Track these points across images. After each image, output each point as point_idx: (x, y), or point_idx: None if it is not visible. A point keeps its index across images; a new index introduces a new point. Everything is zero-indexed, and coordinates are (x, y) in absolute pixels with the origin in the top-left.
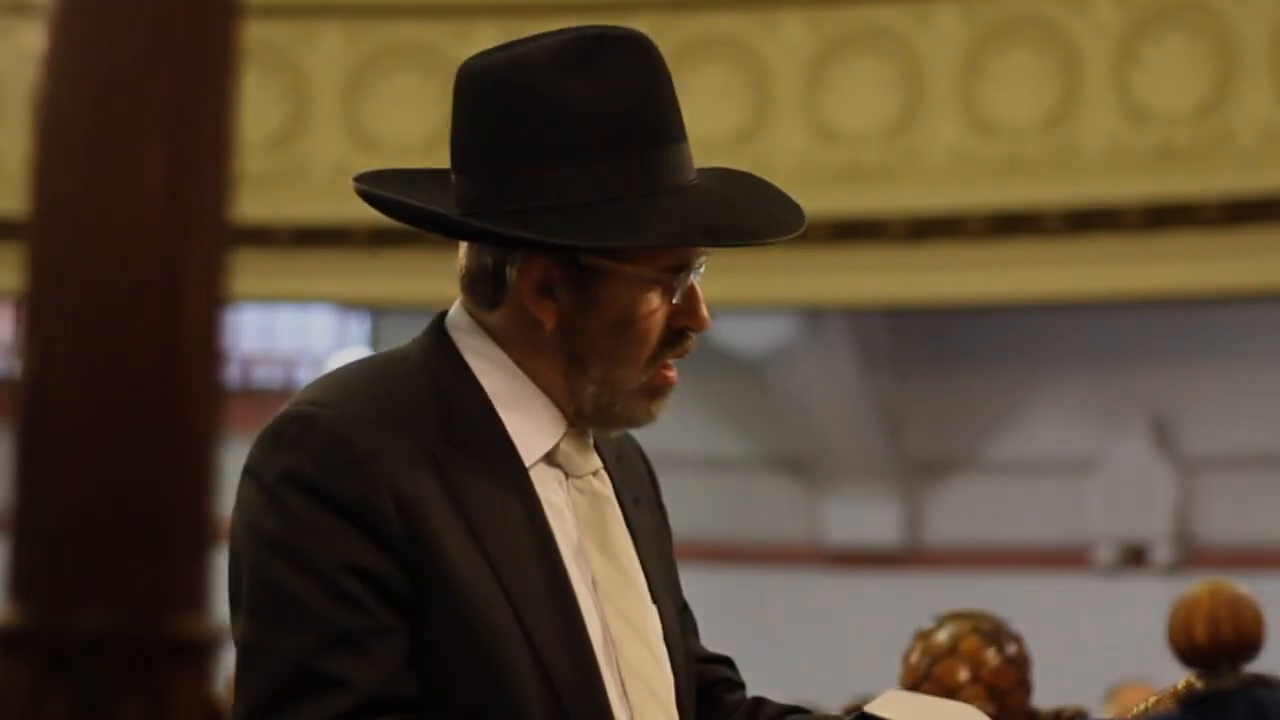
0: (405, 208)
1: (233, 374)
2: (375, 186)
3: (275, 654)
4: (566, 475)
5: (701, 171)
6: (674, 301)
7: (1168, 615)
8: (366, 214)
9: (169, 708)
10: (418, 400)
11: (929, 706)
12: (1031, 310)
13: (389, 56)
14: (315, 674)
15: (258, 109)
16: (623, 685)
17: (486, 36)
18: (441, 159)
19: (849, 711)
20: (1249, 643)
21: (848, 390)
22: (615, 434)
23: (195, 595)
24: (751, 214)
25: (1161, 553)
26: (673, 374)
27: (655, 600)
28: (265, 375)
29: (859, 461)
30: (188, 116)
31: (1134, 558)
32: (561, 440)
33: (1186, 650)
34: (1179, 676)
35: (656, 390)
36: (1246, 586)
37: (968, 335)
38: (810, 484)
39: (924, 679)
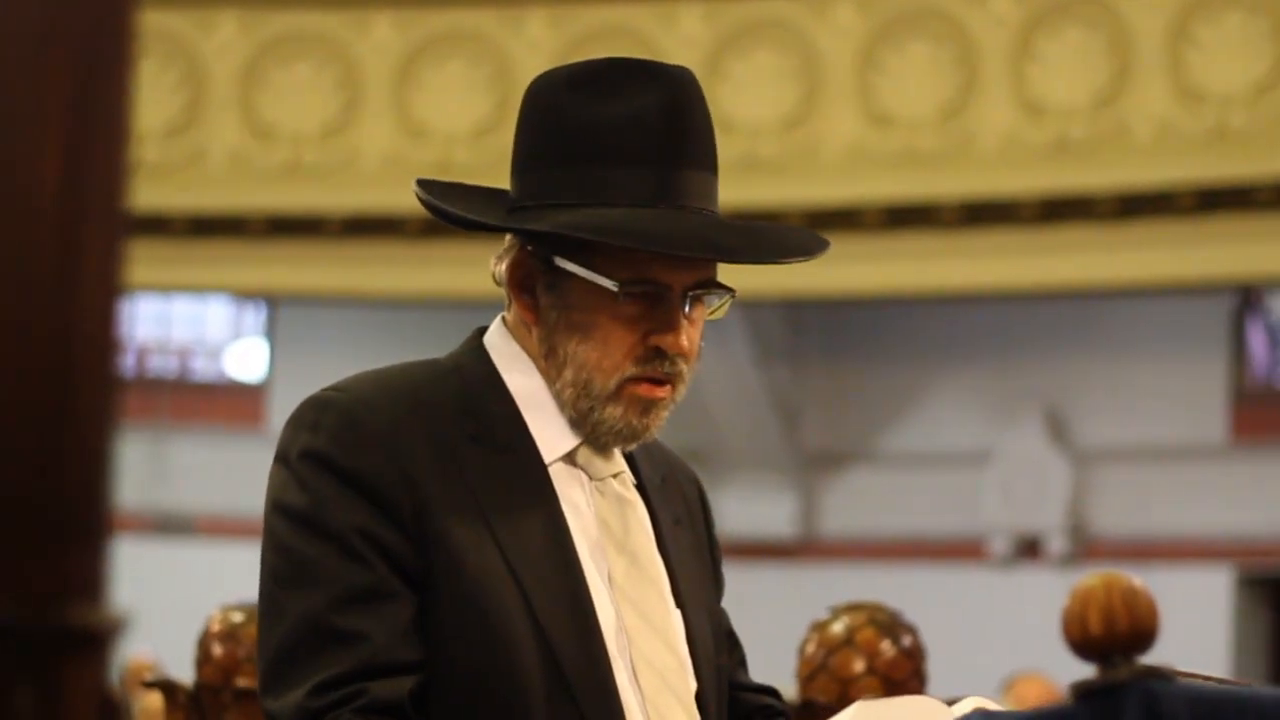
0: (432, 207)
1: (128, 363)
2: (433, 186)
3: (292, 612)
4: (590, 477)
5: (766, 223)
6: (652, 318)
7: (1062, 607)
8: (263, 203)
9: (63, 697)
10: (441, 396)
11: (894, 709)
12: (927, 303)
13: (285, 44)
14: (331, 628)
15: (154, 97)
16: (635, 674)
17: (382, 24)
18: (335, 147)
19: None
20: (1144, 635)
21: (743, 382)
22: (624, 446)
23: (90, 584)
24: (749, 237)
25: (1055, 544)
26: (649, 389)
27: (684, 607)
28: (161, 365)
29: (754, 453)
30: (84, 105)
31: (1028, 549)
32: (582, 443)
33: (1081, 642)
34: (1073, 668)
35: (632, 402)
36: (1140, 578)
37: (863, 327)
38: (706, 475)
39: (819, 670)
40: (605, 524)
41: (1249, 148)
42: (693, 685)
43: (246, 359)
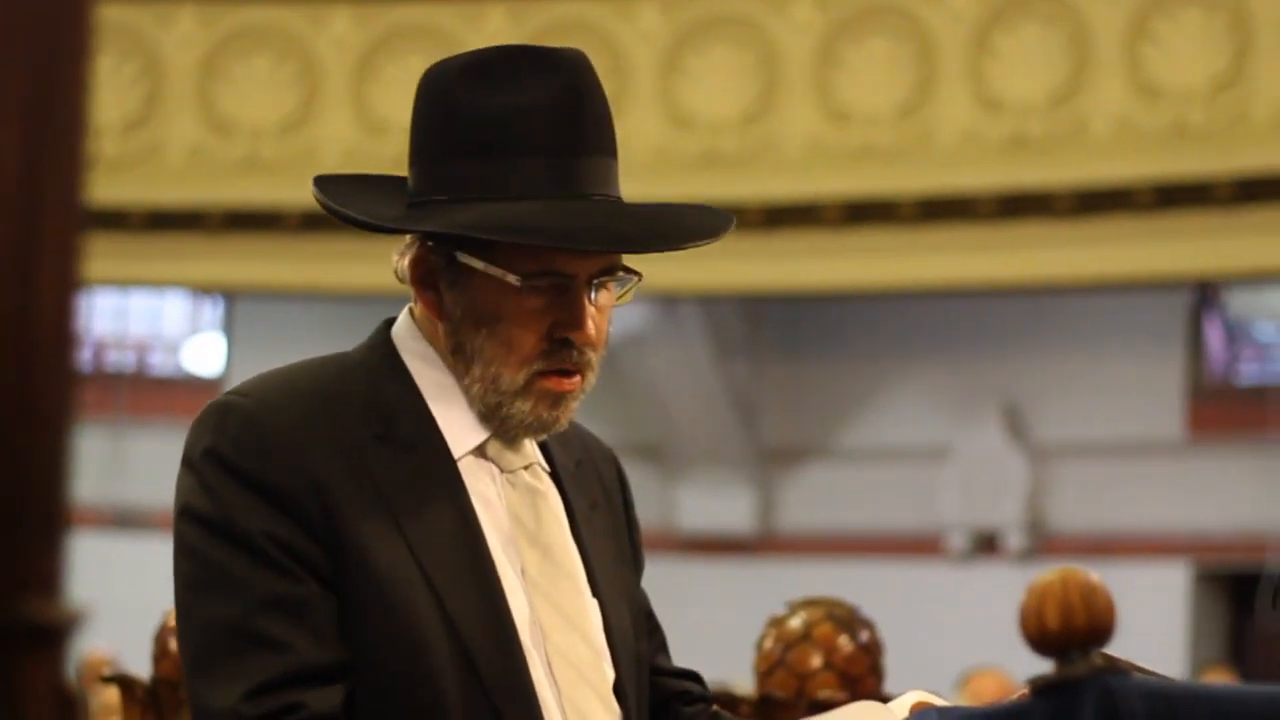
0: (326, 205)
1: (86, 358)
2: (329, 184)
3: (208, 617)
4: (500, 470)
5: (667, 204)
6: (558, 309)
7: (1019, 602)
8: (220, 198)
9: (20, 692)
10: (347, 395)
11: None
12: (886, 299)
13: (244, 38)
14: (254, 634)
15: (112, 91)
16: (550, 668)
17: (341, 22)
18: (293, 142)
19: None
20: (1101, 630)
21: (702, 377)
22: (535, 438)
23: (48, 579)
24: (652, 224)
25: (1013, 540)
26: (557, 382)
27: (600, 596)
28: (118, 359)
29: (713, 448)
30: (42, 100)
31: (986, 545)
32: (491, 436)
33: (1038, 637)
34: (1030, 663)
35: (541, 395)
36: (1097, 574)
37: (822, 323)
38: (664, 471)
39: (777, 666)
40: (517, 517)
41: (1207, 144)
42: (610, 676)
43: (204, 354)
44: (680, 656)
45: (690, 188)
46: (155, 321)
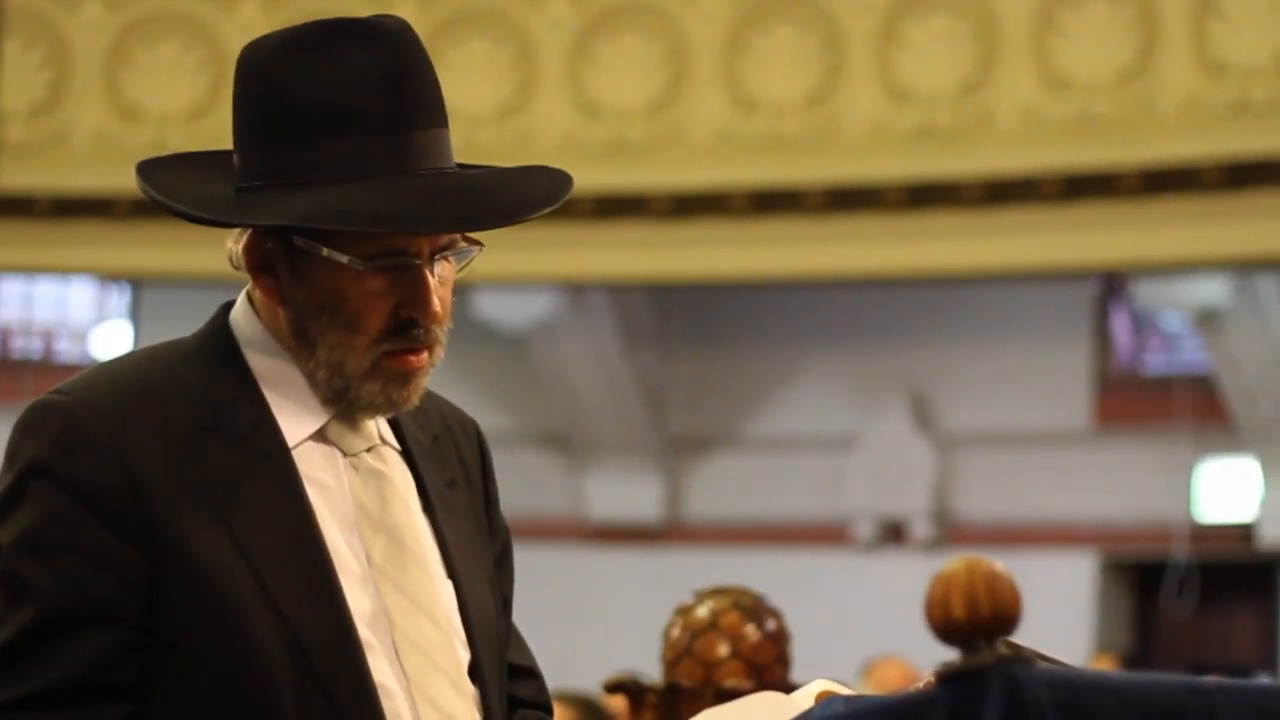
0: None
1: None
2: (155, 170)
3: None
4: (343, 453)
5: (502, 170)
6: (401, 289)
7: (926, 591)
8: (127, 185)
9: None
10: (175, 386)
11: (738, 713)
12: (793, 288)
13: (151, 25)
14: (27, 651)
15: (18, 77)
16: (398, 655)
17: (249, 8)
18: (201, 129)
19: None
20: (1006, 619)
21: (610, 365)
22: (382, 416)
23: None
24: (489, 198)
25: (920, 529)
26: (405, 360)
27: (456, 578)
28: (24, 346)
29: (621, 437)
30: None
31: (893, 534)
32: (332, 419)
33: (943, 626)
34: (938, 652)
35: (390, 375)
36: (1004, 563)
37: (729, 312)
38: (572, 459)
39: (684, 654)
40: (360, 502)
41: (1114, 135)
42: (464, 658)
43: (111, 340)
44: (588, 644)
45: (597, 177)
46: (62, 308)
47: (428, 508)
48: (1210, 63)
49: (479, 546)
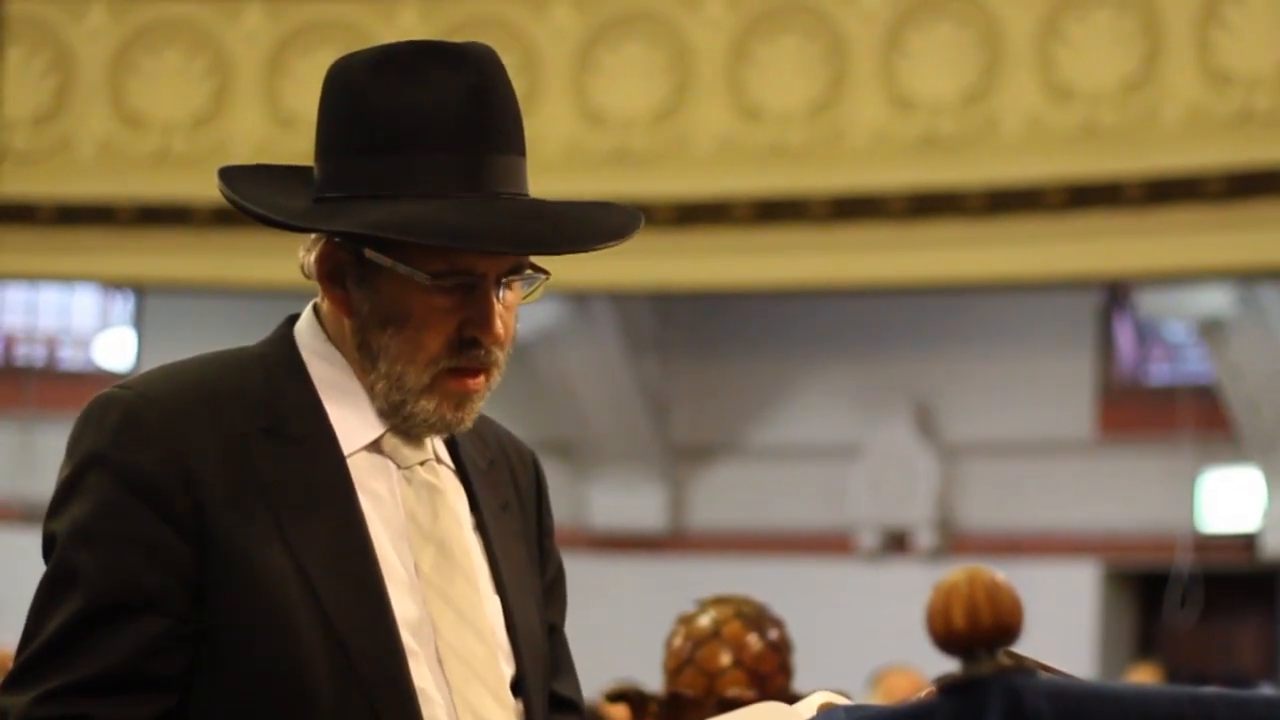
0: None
1: None
2: (236, 176)
3: (47, 620)
4: (397, 466)
5: (575, 201)
6: (466, 308)
7: (927, 601)
8: (131, 192)
9: None
10: (236, 389)
11: None
12: (796, 296)
13: (155, 33)
14: (74, 640)
15: (22, 85)
16: (441, 665)
17: (253, 16)
18: (205, 137)
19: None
20: (1007, 629)
21: (613, 374)
22: (436, 435)
23: None
24: (561, 224)
25: (923, 539)
26: (462, 382)
27: (505, 594)
28: (28, 354)
29: (623, 445)
30: None
31: (896, 544)
32: (387, 432)
33: (944, 636)
34: (941, 662)
35: (446, 394)
36: (1005, 573)
37: (733, 321)
38: (574, 467)
39: (686, 663)
40: (411, 513)
41: (1117, 144)
42: (507, 672)
43: (114, 348)
44: (590, 654)
45: (601, 185)
46: (65, 316)
47: (480, 526)
48: (1214, 73)
49: (529, 570)
